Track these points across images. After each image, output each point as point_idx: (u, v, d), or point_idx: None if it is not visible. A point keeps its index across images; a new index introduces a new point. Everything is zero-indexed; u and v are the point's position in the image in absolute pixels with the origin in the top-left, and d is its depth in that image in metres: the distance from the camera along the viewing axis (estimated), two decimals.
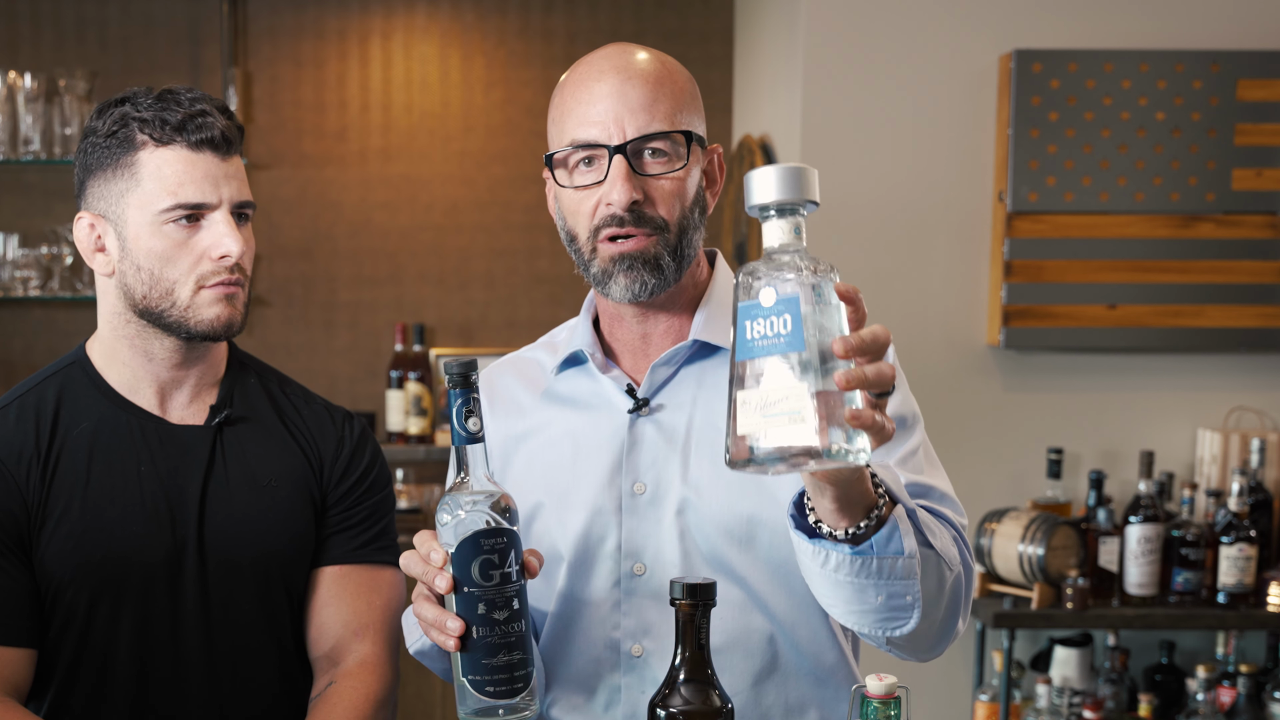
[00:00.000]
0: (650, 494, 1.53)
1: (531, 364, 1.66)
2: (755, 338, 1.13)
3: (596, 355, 1.58)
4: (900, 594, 1.32)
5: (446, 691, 3.69)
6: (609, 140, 1.48)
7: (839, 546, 1.29)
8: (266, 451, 1.71)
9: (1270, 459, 3.19)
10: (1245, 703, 3.07)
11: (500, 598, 1.31)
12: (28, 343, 4.03)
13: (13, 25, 4.00)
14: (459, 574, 1.31)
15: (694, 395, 1.55)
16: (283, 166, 4.08)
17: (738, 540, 1.51)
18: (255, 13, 4.04)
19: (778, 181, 1.17)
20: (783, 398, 1.11)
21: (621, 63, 1.50)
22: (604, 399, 1.57)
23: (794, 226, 1.18)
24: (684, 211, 1.51)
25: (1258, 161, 3.18)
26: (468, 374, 1.33)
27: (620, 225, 1.49)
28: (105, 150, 1.61)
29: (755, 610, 1.52)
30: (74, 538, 1.61)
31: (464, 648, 1.32)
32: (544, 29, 4.11)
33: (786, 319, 1.12)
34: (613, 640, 1.54)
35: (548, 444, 1.59)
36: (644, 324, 1.57)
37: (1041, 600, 3.00)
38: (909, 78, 3.24)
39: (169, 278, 1.60)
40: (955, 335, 3.29)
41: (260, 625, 1.68)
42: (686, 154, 1.50)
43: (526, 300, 4.16)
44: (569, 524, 1.55)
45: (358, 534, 1.74)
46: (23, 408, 1.66)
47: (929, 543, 1.35)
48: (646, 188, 1.49)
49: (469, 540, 1.31)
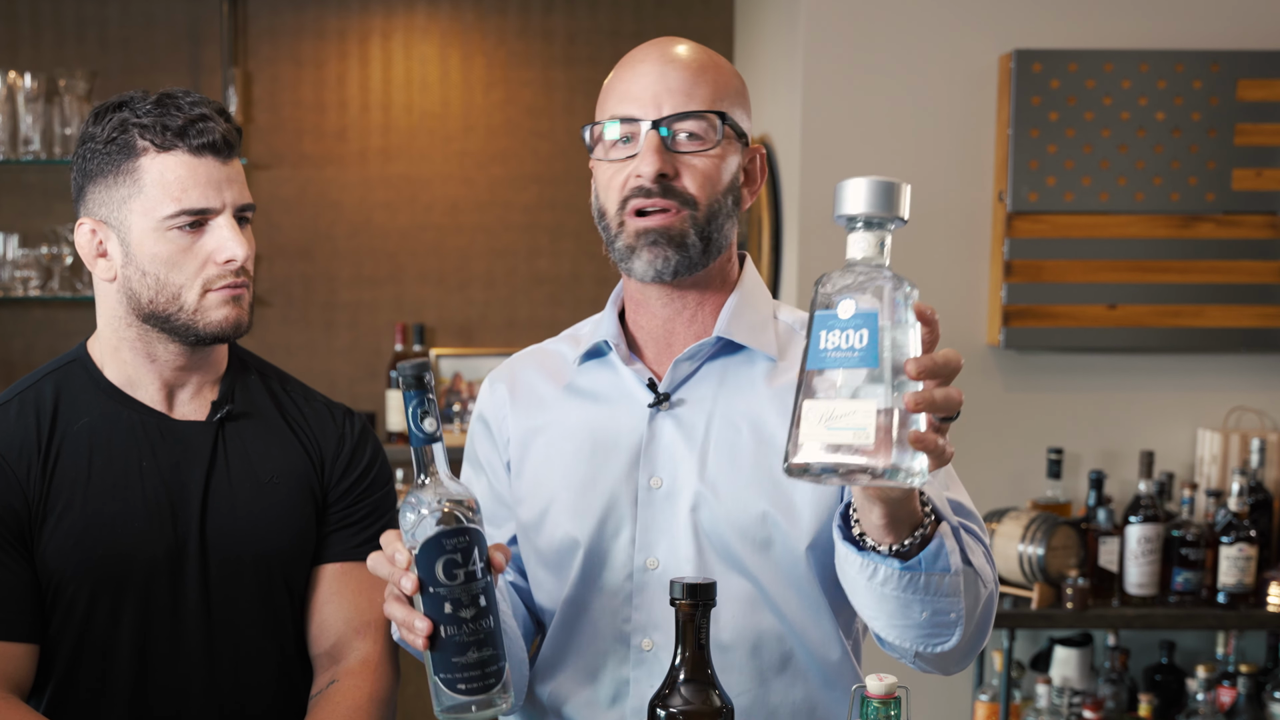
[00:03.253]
0: (666, 489, 1.53)
1: (554, 356, 1.66)
2: (829, 348, 1.14)
3: (620, 347, 1.58)
4: (945, 610, 1.32)
5: None
6: (645, 115, 1.50)
7: (889, 561, 1.29)
8: (268, 448, 1.71)
9: (1270, 459, 3.19)
10: (1245, 703, 3.07)
11: (466, 596, 1.31)
12: (28, 343, 4.03)
13: (13, 25, 4.00)
14: (424, 574, 1.31)
15: (715, 392, 1.55)
16: (283, 166, 4.08)
17: (751, 540, 1.51)
18: (255, 13, 4.04)
19: (869, 194, 1.18)
20: (849, 412, 1.12)
21: (668, 49, 1.53)
22: (625, 392, 1.58)
23: (880, 241, 1.18)
24: (715, 194, 1.51)
25: (1258, 161, 3.18)
26: (420, 375, 1.33)
27: (648, 196, 1.49)
28: (105, 156, 1.60)
29: (766, 609, 1.52)
30: (75, 534, 1.61)
31: (433, 647, 1.32)
32: (544, 29, 4.11)
33: (864, 334, 1.13)
34: (623, 633, 1.54)
35: (566, 435, 1.59)
36: (668, 308, 1.57)
37: (1041, 600, 3.00)
38: (909, 78, 3.24)
39: (175, 282, 1.61)
40: (955, 335, 3.28)
41: (261, 622, 1.68)
42: (719, 137, 1.51)
43: (526, 300, 4.16)
44: (584, 515, 1.55)
45: (359, 531, 1.74)
46: (23, 403, 1.66)
47: (969, 559, 1.35)
48: (678, 164, 1.50)
49: (431, 540, 1.31)
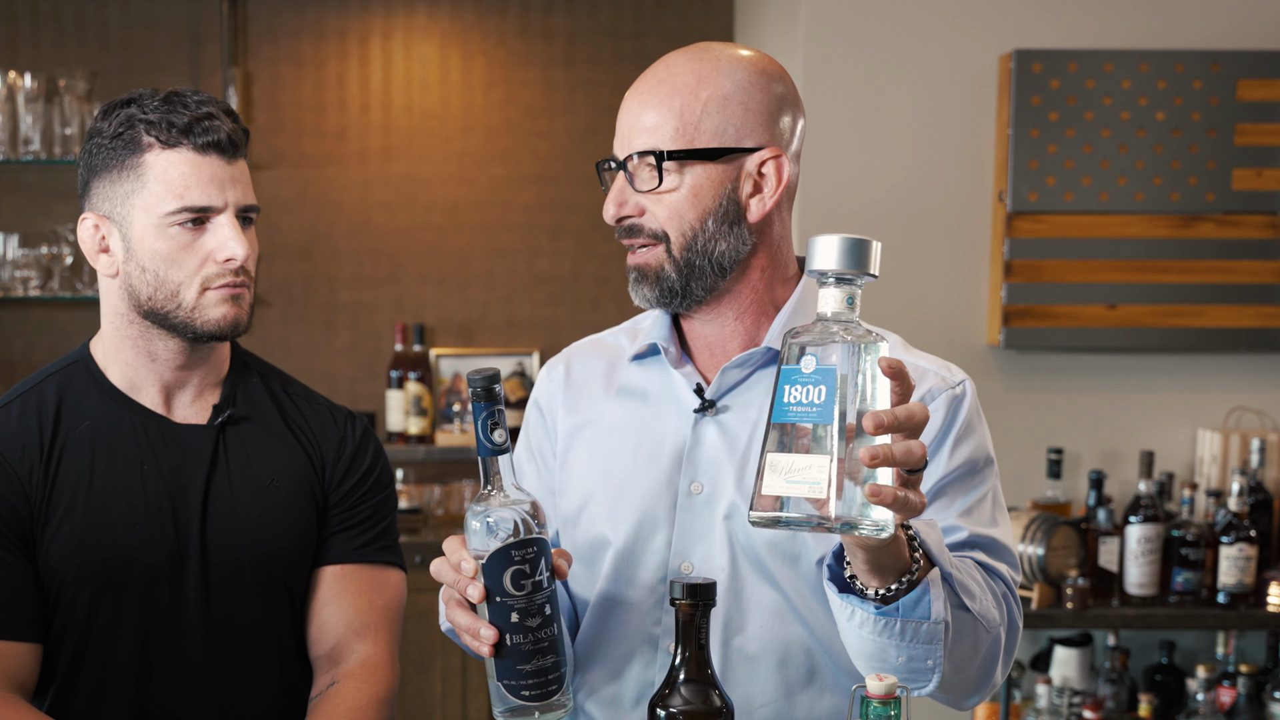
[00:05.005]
0: (706, 495, 1.53)
1: (612, 348, 1.66)
2: (791, 403, 1.17)
3: (670, 350, 1.58)
4: (921, 658, 1.32)
5: (447, 691, 3.69)
6: (619, 153, 1.52)
7: (865, 605, 1.30)
8: (269, 451, 1.71)
9: (1270, 459, 3.19)
10: (1245, 703, 3.07)
11: (533, 605, 1.33)
12: (28, 343, 4.03)
13: (13, 25, 4.00)
14: (491, 584, 1.32)
15: (762, 401, 1.54)
16: (283, 166, 4.08)
17: (782, 553, 1.51)
18: (255, 13, 4.04)
19: (839, 252, 1.21)
20: (806, 466, 1.15)
21: (652, 72, 1.53)
22: (673, 394, 1.58)
23: (848, 296, 1.21)
24: (687, 223, 1.51)
25: (1258, 161, 3.18)
26: (491, 387, 1.33)
27: (625, 234, 1.53)
28: (110, 151, 1.61)
29: (794, 621, 1.52)
30: (77, 536, 1.61)
31: (498, 654, 1.33)
32: (544, 29, 4.11)
33: (822, 390, 1.16)
34: (651, 635, 1.54)
35: (611, 432, 1.60)
36: (707, 326, 1.58)
37: (1041, 600, 3.00)
38: (909, 78, 3.24)
39: (174, 279, 1.61)
40: (955, 335, 3.29)
41: (261, 625, 1.68)
42: (659, 179, 1.50)
43: (526, 300, 4.16)
44: (621, 513, 1.55)
45: (359, 534, 1.74)
46: (25, 405, 1.66)
47: (965, 606, 1.35)
48: (643, 201, 1.51)
49: (500, 551, 1.32)
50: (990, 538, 1.47)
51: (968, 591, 1.36)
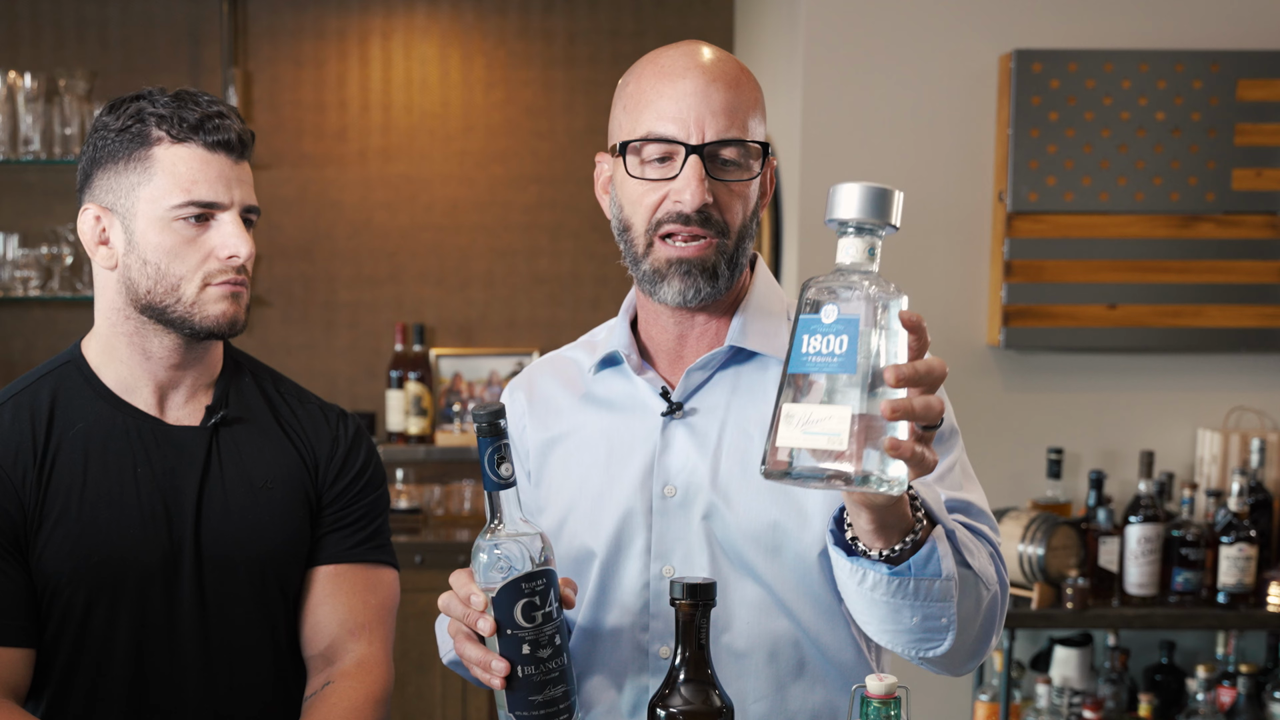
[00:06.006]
0: (680, 497, 1.53)
1: (570, 364, 1.66)
2: (810, 352, 1.14)
3: (632, 357, 1.58)
4: (936, 615, 1.32)
5: (447, 691, 3.69)
6: (688, 139, 1.47)
7: (876, 566, 1.29)
8: (262, 452, 1.71)
9: (1270, 459, 3.19)
10: (1245, 703, 3.07)
11: (543, 637, 1.33)
12: (28, 343, 4.03)
13: (13, 25, 4.00)
14: (501, 617, 1.33)
15: (728, 400, 1.55)
16: (283, 166, 4.08)
17: (763, 546, 1.51)
18: (255, 13, 4.04)
19: (861, 200, 1.17)
20: (825, 417, 1.12)
21: (705, 63, 1.49)
22: (638, 401, 1.58)
23: (869, 247, 1.18)
24: (745, 219, 1.51)
25: (1258, 161, 3.18)
26: (496, 422, 1.33)
27: (686, 224, 1.48)
28: (118, 143, 1.61)
29: (780, 615, 1.52)
30: (71, 539, 1.61)
31: (509, 686, 1.34)
32: (544, 29, 4.11)
33: (844, 339, 1.13)
34: (641, 642, 1.54)
35: (583, 445, 1.60)
36: (682, 326, 1.57)
37: (1041, 600, 3.00)
38: (909, 78, 3.24)
39: (175, 274, 1.61)
40: (955, 335, 3.29)
41: (256, 625, 1.68)
42: (758, 164, 1.50)
43: (526, 300, 4.16)
44: (601, 524, 1.55)
45: (353, 533, 1.74)
46: (18, 407, 1.65)
47: (967, 563, 1.35)
48: (716, 191, 1.48)
49: (510, 585, 1.33)
50: (967, 501, 1.47)
51: (968, 549, 1.36)
